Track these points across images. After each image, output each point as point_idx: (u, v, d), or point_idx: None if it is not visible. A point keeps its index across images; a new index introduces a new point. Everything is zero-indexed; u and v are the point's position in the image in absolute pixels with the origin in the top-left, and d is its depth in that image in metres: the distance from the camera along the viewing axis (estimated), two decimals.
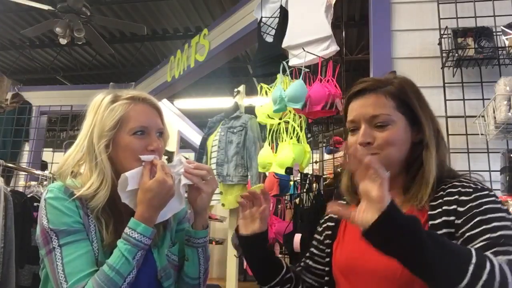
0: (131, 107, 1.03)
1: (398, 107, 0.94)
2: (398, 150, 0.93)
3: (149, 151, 1.01)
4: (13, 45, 6.16)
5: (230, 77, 6.77)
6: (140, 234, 0.94)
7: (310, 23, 2.27)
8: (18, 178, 4.72)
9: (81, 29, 4.17)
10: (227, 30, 3.45)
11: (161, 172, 0.97)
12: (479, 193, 0.86)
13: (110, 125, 1.00)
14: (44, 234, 0.96)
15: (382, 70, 2.02)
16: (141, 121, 1.02)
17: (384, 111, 0.93)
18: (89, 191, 0.97)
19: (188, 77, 4.18)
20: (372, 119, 0.93)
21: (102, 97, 1.06)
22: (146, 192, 0.96)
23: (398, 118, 0.94)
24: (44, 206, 0.97)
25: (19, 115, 4.78)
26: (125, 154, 1.01)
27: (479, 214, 0.81)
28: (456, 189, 0.89)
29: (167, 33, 5.82)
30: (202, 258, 1.09)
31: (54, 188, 0.99)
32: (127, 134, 1.01)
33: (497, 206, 0.83)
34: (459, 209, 0.85)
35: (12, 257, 2.66)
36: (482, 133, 1.77)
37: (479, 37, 1.83)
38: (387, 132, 0.92)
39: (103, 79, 7.13)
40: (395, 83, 0.97)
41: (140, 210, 0.97)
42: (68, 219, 0.95)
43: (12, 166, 3.59)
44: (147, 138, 1.03)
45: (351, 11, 5.05)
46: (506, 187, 1.61)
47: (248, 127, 3.05)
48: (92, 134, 1.01)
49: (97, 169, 0.99)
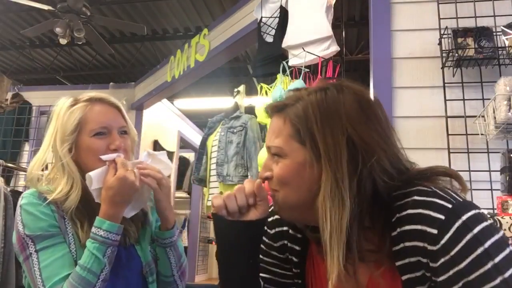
0: (89, 109, 1.04)
1: (296, 135, 0.71)
2: (294, 192, 0.71)
3: (111, 150, 1.02)
4: (13, 45, 6.16)
5: (230, 77, 6.76)
6: (106, 231, 0.96)
7: (310, 23, 2.27)
8: (18, 178, 4.72)
9: (81, 29, 4.17)
10: (227, 30, 3.45)
11: (121, 169, 0.98)
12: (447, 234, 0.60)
13: (70, 128, 1.02)
14: (20, 241, 0.97)
15: (382, 70, 2.03)
16: (100, 121, 1.04)
17: (275, 142, 0.73)
18: (60, 194, 0.99)
19: (188, 77, 4.18)
20: (269, 149, 0.76)
21: (63, 102, 1.08)
22: (108, 190, 0.97)
23: (294, 151, 0.71)
24: (20, 213, 0.98)
25: (19, 115, 4.79)
26: (87, 156, 1.03)
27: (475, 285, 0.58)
28: (414, 225, 0.63)
29: (167, 33, 5.82)
30: (172, 257, 1.09)
31: (28, 194, 1.01)
32: (87, 136, 1.03)
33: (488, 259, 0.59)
34: (432, 265, 0.62)
35: (12, 257, 2.66)
36: (482, 133, 1.77)
37: (479, 37, 1.83)
38: (279, 167, 0.73)
39: (103, 79, 7.12)
40: (299, 104, 0.73)
41: (103, 208, 0.98)
42: (44, 223, 0.97)
43: (12, 166, 3.59)
44: (108, 138, 1.04)
45: (351, 11, 5.05)
46: (506, 187, 1.61)
47: (248, 127, 3.05)
48: (55, 139, 1.03)
49: (65, 173, 1.01)
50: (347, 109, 0.70)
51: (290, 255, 0.85)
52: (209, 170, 3.22)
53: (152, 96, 4.81)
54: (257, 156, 2.73)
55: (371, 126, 0.70)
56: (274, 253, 0.87)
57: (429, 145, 1.92)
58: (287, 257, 0.85)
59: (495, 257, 0.59)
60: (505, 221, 1.46)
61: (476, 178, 1.80)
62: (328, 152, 0.67)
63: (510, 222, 1.45)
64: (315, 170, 0.69)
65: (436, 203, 0.63)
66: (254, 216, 0.76)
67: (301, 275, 0.83)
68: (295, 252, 0.83)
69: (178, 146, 6.24)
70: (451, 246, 0.60)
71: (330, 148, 0.67)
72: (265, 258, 0.87)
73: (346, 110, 0.70)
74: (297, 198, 0.72)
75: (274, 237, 0.86)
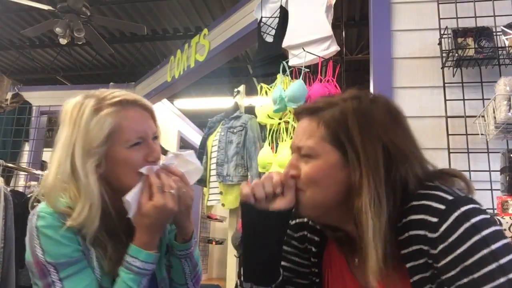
0: (122, 115, 0.88)
1: (330, 138, 0.75)
2: (322, 192, 0.75)
3: (149, 162, 0.90)
4: (13, 45, 6.16)
5: (230, 77, 6.76)
6: (142, 261, 0.87)
7: (310, 23, 2.27)
8: (18, 178, 4.72)
9: (81, 29, 4.17)
10: (227, 30, 3.45)
11: (158, 195, 0.86)
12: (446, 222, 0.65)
13: (99, 140, 0.85)
14: (40, 266, 0.85)
15: (382, 70, 2.03)
16: (137, 130, 0.89)
17: (307, 143, 0.76)
18: (78, 221, 0.84)
19: (188, 77, 4.18)
20: (298, 150, 0.79)
21: (81, 103, 0.90)
22: (144, 217, 0.86)
23: (326, 152, 0.75)
24: (37, 235, 0.85)
25: (19, 115, 4.78)
26: (123, 170, 0.88)
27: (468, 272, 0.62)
28: (417, 215, 0.68)
29: (167, 33, 5.82)
30: (187, 267, 1.00)
31: (45, 214, 0.86)
32: (123, 147, 0.88)
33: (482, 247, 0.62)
34: (432, 252, 0.66)
35: (12, 257, 2.66)
36: (482, 133, 1.77)
37: (479, 37, 1.83)
38: (309, 166, 0.76)
39: (103, 79, 7.12)
40: (335, 109, 0.76)
41: (139, 236, 0.88)
42: (67, 249, 0.85)
43: (12, 166, 3.59)
44: (145, 148, 0.90)
45: (351, 11, 5.05)
46: (506, 187, 1.61)
47: (248, 127, 3.05)
48: (74, 151, 0.86)
49: (82, 194, 0.85)
50: (381, 118, 0.76)
51: (309, 245, 0.88)
52: (209, 170, 3.22)
53: (152, 96, 4.81)
54: (257, 156, 2.73)
55: (402, 134, 0.77)
56: (294, 242, 0.90)
57: (429, 145, 1.91)
58: (306, 247, 0.89)
59: (491, 244, 0.62)
60: (505, 221, 1.46)
61: (476, 178, 1.80)
62: (367, 157, 0.71)
63: (510, 222, 1.45)
64: (344, 173, 0.74)
65: (438, 195, 0.68)
66: (282, 204, 0.77)
67: (318, 264, 0.87)
68: (314, 243, 0.88)
69: (178, 146, 6.25)
70: (450, 233, 0.64)
71: (369, 154, 0.72)
72: (285, 247, 0.89)
73: (379, 118, 0.75)
74: (324, 198, 0.75)
75: (295, 227, 0.91)
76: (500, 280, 0.60)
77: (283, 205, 0.77)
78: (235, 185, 3.02)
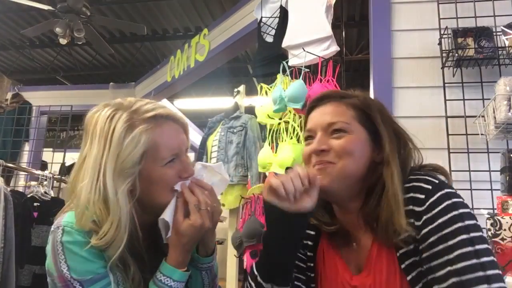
0: (157, 132, 0.85)
1: (358, 118, 0.87)
2: (355, 163, 0.84)
3: (183, 179, 0.88)
4: (13, 45, 6.16)
5: (230, 77, 6.76)
6: (176, 281, 0.86)
7: (310, 23, 2.27)
8: (18, 178, 4.72)
9: (81, 29, 4.17)
10: (227, 30, 3.45)
11: (196, 215, 0.85)
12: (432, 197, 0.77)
13: (133, 160, 0.82)
14: (65, 282, 0.83)
15: (382, 70, 2.03)
16: (172, 147, 0.86)
17: (341, 119, 0.86)
18: (102, 242, 0.81)
19: (188, 77, 4.18)
20: (329, 127, 0.87)
21: (111, 116, 0.85)
22: (181, 237, 0.85)
23: (357, 129, 0.86)
24: (62, 250, 0.83)
25: (19, 115, 4.78)
26: (157, 188, 0.86)
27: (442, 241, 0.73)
28: (408, 194, 0.80)
29: (167, 33, 5.82)
30: (207, 278, 0.98)
31: (71, 230, 0.84)
32: (158, 166, 0.85)
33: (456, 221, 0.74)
34: (416, 223, 0.78)
35: (12, 257, 2.66)
36: (482, 133, 1.77)
37: (479, 37, 1.83)
38: (344, 139, 0.85)
39: (103, 79, 7.12)
40: (360, 96, 0.92)
41: (174, 255, 0.87)
42: (93, 266, 0.83)
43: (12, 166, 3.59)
44: (179, 164, 0.88)
45: (351, 11, 5.05)
46: (506, 187, 1.61)
47: (248, 127, 3.05)
48: (105, 171, 0.81)
49: (111, 212, 0.81)
50: (386, 110, 0.92)
51: (306, 240, 0.96)
52: None
53: (152, 96, 4.82)
54: (257, 156, 2.73)
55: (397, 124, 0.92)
56: None
57: (429, 145, 1.91)
58: (303, 242, 0.96)
59: (466, 220, 0.75)
60: (505, 221, 1.46)
61: (476, 178, 1.80)
62: (390, 138, 0.86)
63: (510, 222, 1.45)
64: (369, 148, 0.87)
65: (426, 179, 0.81)
66: (309, 203, 0.80)
67: (313, 258, 0.94)
68: (311, 237, 0.96)
69: None
70: (434, 207, 0.77)
71: (390, 135, 0.86)
72: None
73: (386, 110, 0.92)
74: (353, 169, 0.84)
75: None
76: (468, 248, 0.72)
77: (310, 204, 0.80)
78: (235, 185, 3.02)
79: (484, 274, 0.70)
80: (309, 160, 0.88)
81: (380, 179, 0.84)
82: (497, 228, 1.46)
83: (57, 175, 4.07)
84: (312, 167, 0.87)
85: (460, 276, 0.70)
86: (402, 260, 0.79)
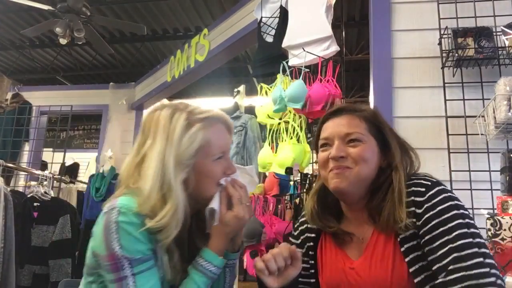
0: (210, 131, 0.98)
1: (370, 130, 1.01)
2: (369, 168, 0.98)
3: (226, 175, 1.00)
4: (13, 45, 6.16)
5: (230, 77, 6.76)
6: (216, 266, 0.95)
7: (310, 23, 2.27)
8: (18, 178, 4.72)
9: (81, 29, 4.16)
10: (227, 30, 3.44)
11: (239, 206, 0.97)
12: (431, 191, 0.92)
13: (190, 153, 0.94)
14: (113, 260, 0.89)
15: (382, 70, 2.03)
16: (221, 146, 0.99)
17: (357, 130, 1.00)
18: (159, 224, 0.89)
19: (188, 77, 4.18)
20: (345, 136, 1.00)
21: (171, 115, 0.97)
22: (225, 226, 0.96)
23: (370, 139, 1.00)
24: (116, 229, 0.89)
25: (19, 115, 4.78)
26: (206, 180, 0.97)
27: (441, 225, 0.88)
28: (409, 188, 0.95)
29: (167, 33, 5.82)
30: (228, 277, 1.05)
31: (127, 211, 0.90)
32: (208, 161, 0.97)
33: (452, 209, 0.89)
34: (417, 211, 0.92)
35: (12, 257, 2.66)
36: (482, 133, 1.77)
37: (479, 37, 1.83)
38: (360, 148, 0.98)
39: (103, 79, 7.12)
40: (369, 110, 1.05)
41: (216, 242, 0.97)
42: (143, 246, 0.90)
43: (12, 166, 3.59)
44: (224, 161, 1.00)
45: (351, 11, 5.05)
46: (506, 187, 1.61)
47: (248, 127, 3.05)
48: (168, 163, 0.93)
49: (170, 199, 0.91)
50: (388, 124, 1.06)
51: (308, 243, 1.11)
52: None
53: (152, 96, 4.81)
54: (257, 156, 2.73)
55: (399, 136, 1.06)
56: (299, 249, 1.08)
57: (429, 145, 1.92)
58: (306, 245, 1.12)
59: (460, 209, 0.90)
60: (505, 221, 1.46)
61: (476, 178, 1.80)
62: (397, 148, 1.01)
63: (510, 222, 1.45)
64: (379, 156, 1.01)
65: (425, 178, 0.97)
66: (294, 271, 0.94)
67: (314, 256, 1.09)
68: (311, 239, 1.11)
69: None
70: (433, 197, 0.91)
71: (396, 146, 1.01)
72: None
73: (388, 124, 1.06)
74: (367, 173, 0.98)
75: (298, 234, 1.16)
76: (464, 230, 0.86)
77: (295, 272, 0.95)
78: None
79: (479, 250, 0.83)
80: (326, 165, 1.01)
81: (386, 181, 0.98)
82: (497, 228, 1.46)
83: (57, 175, 4.07)
84: (329, 171, 1.00)
85: (459, 252, 0.83)
86: (402, 244, 0.92)
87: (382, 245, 0.95)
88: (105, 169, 4.51)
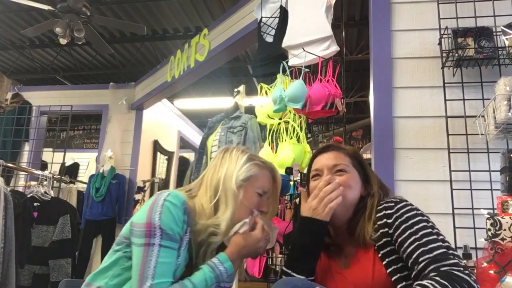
0: (262, 171, 1.23)
1: (353, 164, 1.22)
2: (353, 194, 1.18)
3: (259, 211, 1.19)
4: (13, 45, 6.16)
5: (230, 77, 6.76)
6: (224, 268, 1.08)
7: (310, 23, 2.26)
8: (18, 178, 4.73)
9: (81, 29, 4.16)
10: (227, 30, 3.44)
11: (259, 230, 1.15)
12: (399, 205, 1.11)
13: (244, 176, 1.18)
14: (149, 227, 1.05)
15: (382, 70, 2.03)
16: (265, 186, 1.22)
17: (343, 162, 1.21)
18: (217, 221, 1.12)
19: (188, 77, 4.17)
20: (333, 167, 1.21)
21: (239, 151, 1.25)
22: (244, 240, 1.12)
23: (353, 171, 1.21)
24: (162, 204, 1.07)
25: (19, 115, 4.78)
26: (243, 205, 1.16)
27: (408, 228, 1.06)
28: (381, 206, 1.14)
29: (167, 33, 5.82)
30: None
31: (177, 195, 1.11)
32: (252, 190, 1.19)
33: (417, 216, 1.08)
34: (388, 221, 1.09)
35: (12, 257, 2.66)
36: (482, 133, 1.77)
37: (479, 37, 1.83)
38: (346, 176, 1.19)
39: (103, 79, 7.12)
40: (351, 148, 1.29)
41: (231, 250, 1.11)
42: (177, 228, 1.07)
43: (12, 166, 3.60)
44: (262, 200, 1.21)
45: (351, 11, 5.05)
46: (506, 187, 1.61)
47: (248, 127, 3.05)
48: (230, 178, 1.17)
49: (233, 206, 1.14)
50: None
51: None
52: None
53: (152, 96, 4.81)
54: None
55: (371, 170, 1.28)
56: None
57: (429, 145, 1.92)
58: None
59: (424, 215, 1.09)
60: (505, 221, 1.46)
61: (476, 178, 1.81)
62: (373, 178, 1.23)
63: (510, 222, 1.45)
64: (360, 185, 1.21)
65: (395, 197, 1.17)
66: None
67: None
68: None
69: (178, 146, 6.24)
70: (400, 209, 1.10)
71: (373, 177, 1.24)
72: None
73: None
74: (353, 197, 1.18)
75: None
76: (429, 230, 1.04)
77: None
78: None
79: (443, 244, 1.01)
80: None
81: (364, 206, 1.17)
82: (497, 228, 1.46)
83: (57, 175, 4.07)
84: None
85: (425, 246, 1.00)
86: (379, 251, 1.09)
87: (364, 256, 1.12)
88: (105, 169, 4.52)
